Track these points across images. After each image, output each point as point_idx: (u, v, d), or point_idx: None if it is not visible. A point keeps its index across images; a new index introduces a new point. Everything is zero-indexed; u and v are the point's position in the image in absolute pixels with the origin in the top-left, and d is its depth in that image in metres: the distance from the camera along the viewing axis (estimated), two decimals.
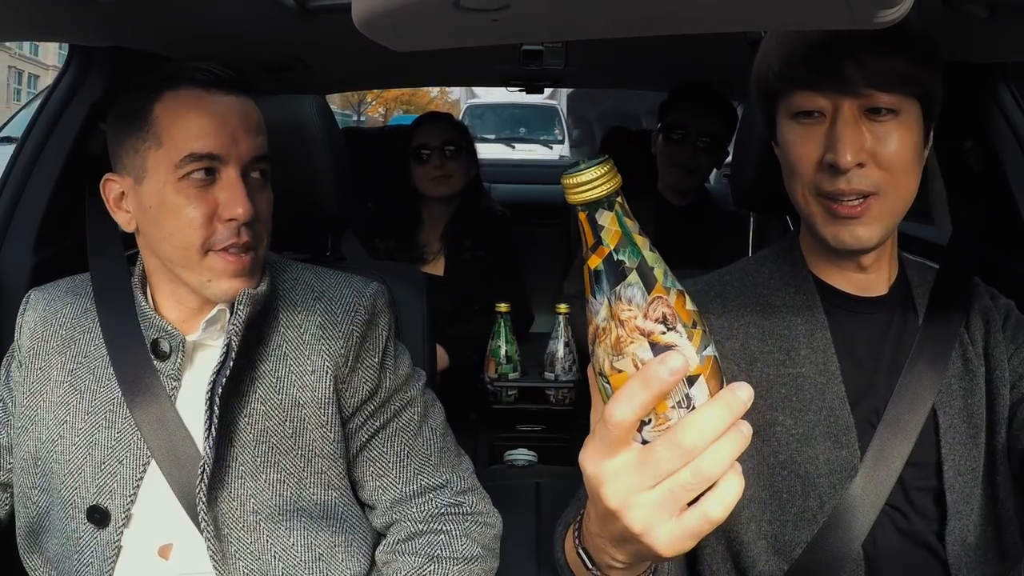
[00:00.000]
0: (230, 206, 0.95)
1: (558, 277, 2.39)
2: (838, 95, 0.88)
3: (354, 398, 1.07)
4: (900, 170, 0.89)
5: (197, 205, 0.96)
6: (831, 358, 0.95)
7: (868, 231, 0.90)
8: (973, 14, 0.97)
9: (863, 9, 0.55)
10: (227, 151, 0.96)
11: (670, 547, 0.55)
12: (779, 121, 0.95)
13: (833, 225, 0.90)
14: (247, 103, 1.01)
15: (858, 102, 0.87)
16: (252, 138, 0.99)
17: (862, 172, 0.87)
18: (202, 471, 0.98)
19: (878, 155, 0.88)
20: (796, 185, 0.93)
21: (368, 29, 0.58)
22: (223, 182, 0.97)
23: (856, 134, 0.87)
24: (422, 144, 2.11)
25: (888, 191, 0.89)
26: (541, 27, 0.67)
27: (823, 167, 0.89)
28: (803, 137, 0.91)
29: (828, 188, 0.89)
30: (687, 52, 1.90)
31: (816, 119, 0.90)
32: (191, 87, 0.98)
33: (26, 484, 1.05)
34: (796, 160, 0.92)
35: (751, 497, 0.93)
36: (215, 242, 0.97)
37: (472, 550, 1.06)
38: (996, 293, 1.04)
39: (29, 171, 1.31)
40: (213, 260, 0.97)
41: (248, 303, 0.99)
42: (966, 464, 0.93)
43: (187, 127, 0.96)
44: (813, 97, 0.89)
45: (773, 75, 0.92)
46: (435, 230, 2.17)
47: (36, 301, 1.10)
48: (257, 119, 1.02)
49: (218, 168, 0.97)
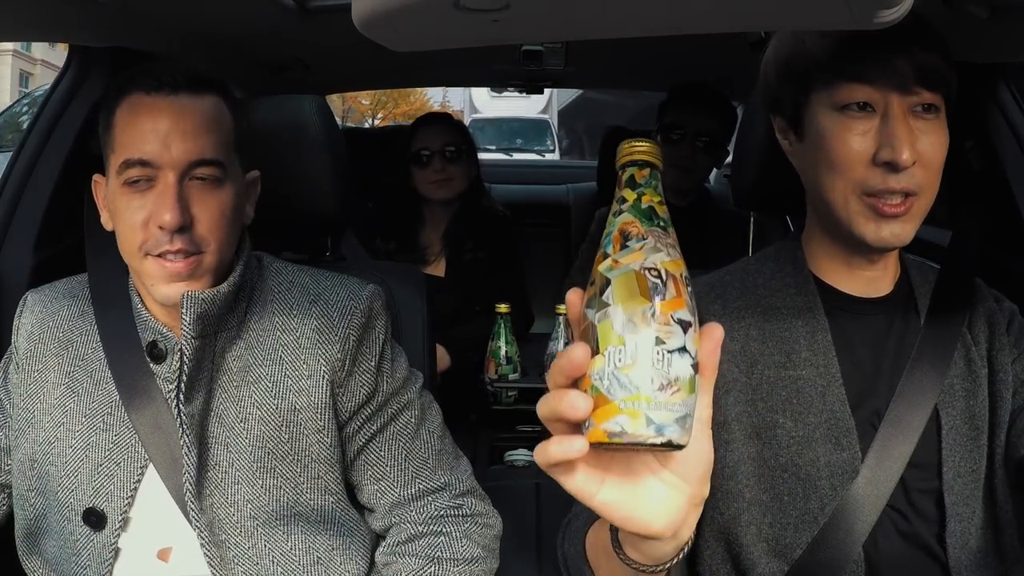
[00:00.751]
0: (159, 213, 0.95)
1: (558, 278, 2.39)
2: (890, 90, 0.86)
3: (351, 402, 1.07)
4: (937, 169, 0.89)
5: (135, 210, 0.97)
6: (832, 360, 0.94)
7: (906, 229, 0.89)
8: (973, 14, 0.97)
9: (863, 9, 0.55)
10: (158, 157, 0.96)
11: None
12: (812, 112, 0.92)
13: (875, 222, 0.89)
14: (193, 103, 0.98)
15: (908, 99, 0.86)
16: (189, 141, 0.96)
17: (911, 171, 0.86)
18: (185, 476, 0.98)
19: (924, 154, 0.87)
20: (836, 181, 0.90)
21: (368, 29, 0.58)
22: (158, 188, 0.96)
23: (909, 131, 0.86)
24: (422, 147, 2.10)
25: (926, 190, 0.88)
26: (541, 27, 0.67)
27: (876, 163, 0.87)
28: (852, 131, 0.88)
29: (879, 186, 0.87)
30: (687, 52, 1.90)
31: (866, 113, 0.87)
32: (138, 92, 0.98)
33: (23, 486, 1.05)
34: (842, 155, 0.89)
35: (751, 499, 0.93)
36: (151, 247, 0.97)
37: (473, 551, 1.06)
38: (1000, 296, 1.03)
39: (29, 171, 1.31)
40: (150, 264, 0.98)
41: (193, 306, 0.98)
42: (966, 466, 0.93)
43: (128, 133, 0.97)
44: (865, 89, 0.87)
45: (815, 64, 0.90)
46: (436, 231, 2.16)
47: (33, 303, 1.09)
48: (201, 120, 0.98)
49: (154, 174, 0.96)
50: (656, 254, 0.56)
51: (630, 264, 0.55)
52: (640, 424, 0.53)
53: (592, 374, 0.54)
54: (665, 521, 0.60)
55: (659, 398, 0.53)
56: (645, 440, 0.53)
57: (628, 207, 0.58)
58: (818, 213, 0.97)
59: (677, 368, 0.54)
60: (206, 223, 0.98)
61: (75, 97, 1.32)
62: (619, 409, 0.53)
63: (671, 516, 0.60)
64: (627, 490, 0.59)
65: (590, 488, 0.59)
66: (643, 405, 0.53)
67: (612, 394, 0.53)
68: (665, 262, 0.56)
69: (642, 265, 0.55)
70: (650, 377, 0.53)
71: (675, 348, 0.54)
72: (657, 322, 0.54)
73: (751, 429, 0.93)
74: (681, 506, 0.61)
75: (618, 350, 0.53)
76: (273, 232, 1.18)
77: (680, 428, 0.54)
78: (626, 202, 0.58)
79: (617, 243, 0.57)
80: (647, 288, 0.54)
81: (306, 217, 1.28)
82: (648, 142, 0.59)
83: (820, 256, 0.99)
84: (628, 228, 0.57)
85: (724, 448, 0.93)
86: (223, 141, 1.01)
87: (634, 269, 0.55)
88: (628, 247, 0.56)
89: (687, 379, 0.54)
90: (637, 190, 0.59)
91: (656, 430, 0.53)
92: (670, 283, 0.55)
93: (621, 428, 0.53)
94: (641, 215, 0.57)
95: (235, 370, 1.03)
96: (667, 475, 0.60)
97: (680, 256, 0.57)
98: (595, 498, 0.59)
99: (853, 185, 0.89)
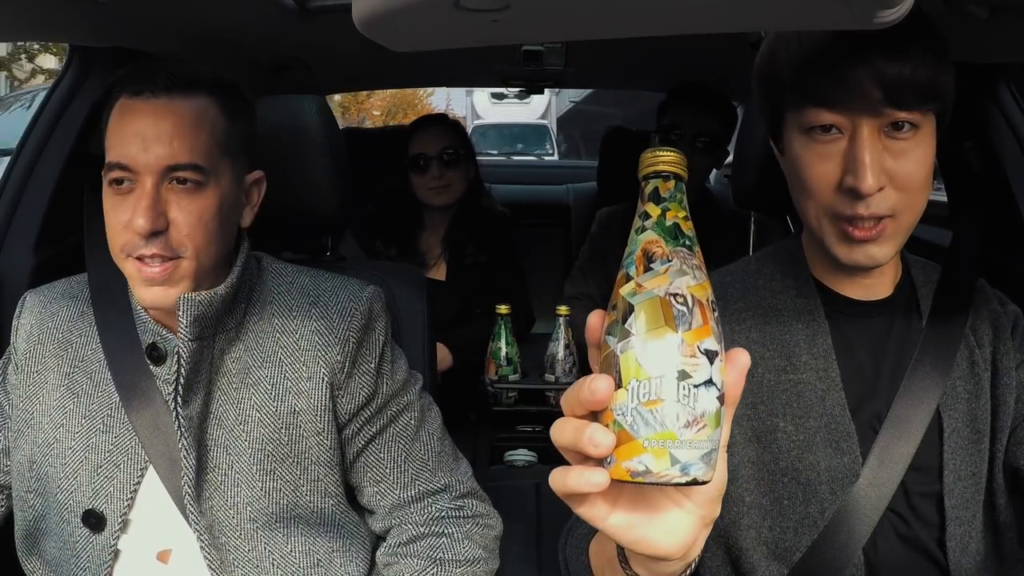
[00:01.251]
0: (133, 217, 0.95)
1: (558, 278, 2.39)
2: (857, 114, 0.83)
3: (351, 404, 1.06)
4: (917, 188, 0.86)
5: (117, 212, 0.97)
6: (832, 364, 0.94)
7: (882, 250, 0.87)
8: (973, 14, 0.97)
9: (863, 9, 0.55)
10: (134, 161, 0.95)
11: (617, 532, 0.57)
12: (787, 131, 0.91)
13: (847, 246, 0.87)
14: (173, 106, 0.97)
15: (878, 120, 0.83)
16: (164, 145, 0.95)
17: (881, 196, 0.84)
18: (185, 478, 0.98)
19: (896, 176, 0.84)
20: (808, 205, 0.89)
21: (368, 29, 0.58)
22: (136, 192, 0.96)
23: (876, 155, 0.83)
24: (419, 153, 2.08)
25: (904, 212, 0.86)
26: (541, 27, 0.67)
27: (842, 190, 0.85)
28: (819, 156, 0.86)
29: (846, 212, 0.85)
30: (687, 52, 1.90)
31: (833, 135, 0.85)
32: (124, 95, 0.98)
33: (22, 487, 1.05)
34: (811, 181, 0.87)
35: (751, 503, 0.92)
36: (130, 250, 0.97)
37: (474, 552, 1.06)
38: (1004, 298, 1.02)
39: (29, 171, 1.31)
40: (130, 267, 0.98)
41: (190, 308, 0.97)
42: (967, 469, 0.93)
43: (113, 135, 0.98)
44: (830, 114, 0.84)
45: (782, 85, 0.88)
46: (436, 235, 2.15)
47: (32, 304, 1.09)
48: (180, 123, 0.96)
49: (133, 178, 0.96)
50: (682, 278, 0.52)
51: (654, 289, 0.52)
52: (665, 464, 0.50)
53: (614, 408, 0.52)
54: (676, 543, 0.59)
55: (685, 435, 0.50)
56: (670, 480, 0.51)
57: (652, 224, 0.55)
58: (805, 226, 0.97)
59: (704, 403, 0.51)
60: (184, 228, 0.96)
61: (75, 97, 1.32)
62: (643, 448, 0.50)
63: (682, 538, 0.59)
64: (638, 516, 0.58)
65: (600, 513, 0.57)
66: (669, 443, 0.50)
67: (636, 431, 0.51)
68: (691, 287, 0.52)
69: (667, 291, 0.52)
70: (676, 414, 0.50)
71: (702, 382, 0.51)
72: (683, 354, 0.51)
73: (751, 433, 0.93)
74: (693, 528, 0.59)
75: (642, 384, 0.51)
76: (273, 232, 1.18)
77: (705, 465, 0.51)
78: (650, 218, 0.55)
79: (640, 265, 0.53)
80: (672, 316, 0.51)
81: (306, 218, 1.28)
82: (674, 152, 0.56)
83: (818, 260, 0.98)
84: (652, 248, 0.54)
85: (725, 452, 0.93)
86: (209, 144, 0.98)
87: (659, 295, 0.52)
88: (652, 269, 0.53)
89: (713, 413, 0.52)
90: (661, 204, 0.55)
91: (681, 469, 0.51)
92: (696, 310, 0.52)
93: (645, 467, 0.51)
94: (666, 233, 0.54)
95: (234, 372, 1.03)
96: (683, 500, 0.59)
97: (706, 277, 0.54)
98: (606, 522, 0.58)
99: (824, 209, 0.87)
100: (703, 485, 0.53)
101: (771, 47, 0.92)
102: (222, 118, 1.01)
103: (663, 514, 0.58)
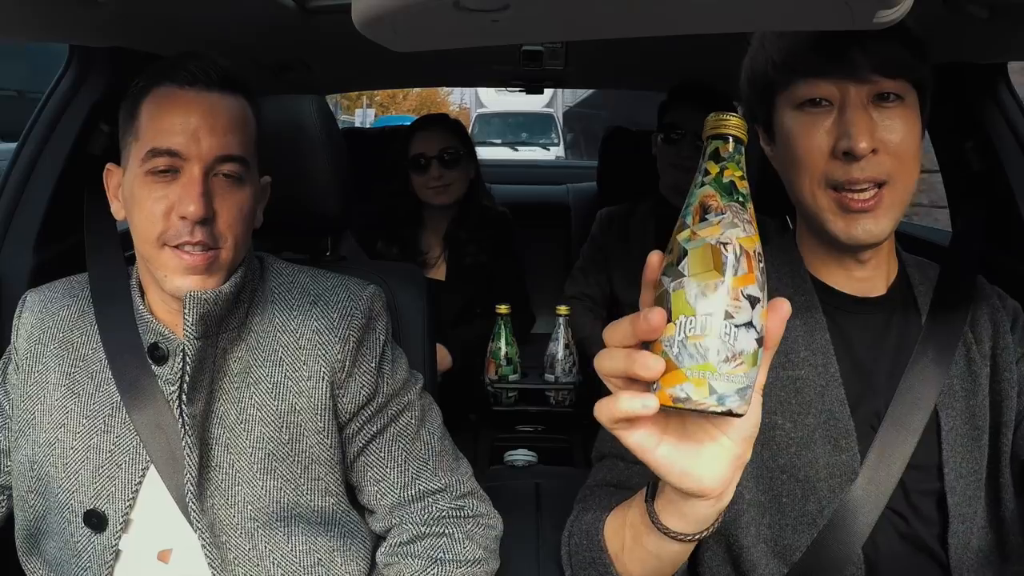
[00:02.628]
0: (183, 203, 0.96)
1: (558, 278, 2.39)
2: (846, 81, 0.87)
3: (351, 403, 1.06)
4: (909, 157, 0.89)
5: (157, 199, 0.97)
6: (830, 360, 0.94)
7: (879, 224, 0.89)
8: (973, 14, 0.97)
9: (863, 9, 0.55)
10: (187, 148, 0.97)
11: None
12: (779, 114, 0.94)
13: (844, 219, 0.89)
14: (223, 101, 1.00)
15: (866, 88, 0.87)
16: (218, 137, 0.98)
17: (875, 159, 0.87)
18: (187, 477, 0.98)
19: (888, 142, 0.87)
20: (803, 178, 0.91)
21: (368, 29, 0.58)
22: (183, 179, 0.97)
23: (867, 120, 0.87)
24: (419, 153, 2.09)
25: (898, 179, 0.88)
26: (541, 27, 0.67)
27: (835, 156, 0.87)
28: (810, 126, 0.89)
29: (841, 177, 0.87)
30: (687, 52, 1.90)
31: (824, 108, 0.89)
32: (169, 84, 0.99)
33: (23, 487, 1.05)
34: (804, 151, 0.90)
35: (751, 500, 0.92)
36: (170, 237, 0.97)
37: (474, 552, 1.06)
38: (1003, 293, 1.03)
39: (29, 171, 1.31)
40: (167, 256, 0.98)
41: (196, 306, 0.98)
42: (967, 466, 0.93)
43: (156, 122, 0.98)
44: (820, 84, 0.88)
45: (773, 66, 0.91)
46: (436, 235, 2.16)
47: (33, 303, 1.09)
48: (230, 118, 1.00)
49: (180, 165, 0.97)
50: (732, 229, 0.58)
51: (707, 237, 0.58)
52: (704, 392, 0.56)
53: (663, 340, 0.58)
54: (717, 477, 0.65)
55: (724, 369, 0.56)
56: (707, 408, 0.57)
57: (711, 180, 0.60)
58: (800, 214, 0.98)
59: (743, 342, 0.57)
60: (226, 219, 0.99)
61: (75, 97, 1.32)
62: (685, 376, 0.57)
63: (722, 473, 0.65)
64: (683, 448, 0.63)
65: (649, 444, 0.63)
66: (708, 375, 0.56)
67: (680, 361, 0.57)
68: (741, 238, 0.58)
69: (718, 239, 0.58)
70: (717, 349, 0.56)
71: (743, 323, 0.57)
72: (728, 296, 0.57)
73: None
74: (730, 465, 0.65)
75: (689, 320, 0.57)
76: (273, 232, 1.18)
77: (740, 399, 0.57)
78: (709, 174, 0.61)
79: (697, 215, 0.59)
80: (721, 263, 0.57)
81: (306, 217, 1.28)
82: (736, 116, 0.62)
83: (814, 256, 0.99)
84: (708, 201, 0.60)
85: None
86: (247, 141, 1.02)
87: (710, 243, 0.58)
88: (707, 220, 0.59)
89: (751, 353, 0.57)
90: (720, 163, 0.61)
91: (718, 399, 0.57)
92: (743, 259, 0.58)
93: (686, 395, 0.57)
94: (722, 189, 0.60)
95: (236, 371, 1.03)
96: (719, 435, 0.64)
97: (755, 232, 0.60)
98: (655, 452, 0.63)
99: (819, 180, 0.90)
100: (738, 419, 0.60)
101: (759, 38, 0.96)
102: (253, 119, 1.05)
103: (704, 447, 0.64)
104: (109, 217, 1.10)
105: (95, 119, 1.30)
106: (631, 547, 0.79)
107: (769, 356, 0.63)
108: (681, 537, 0.72)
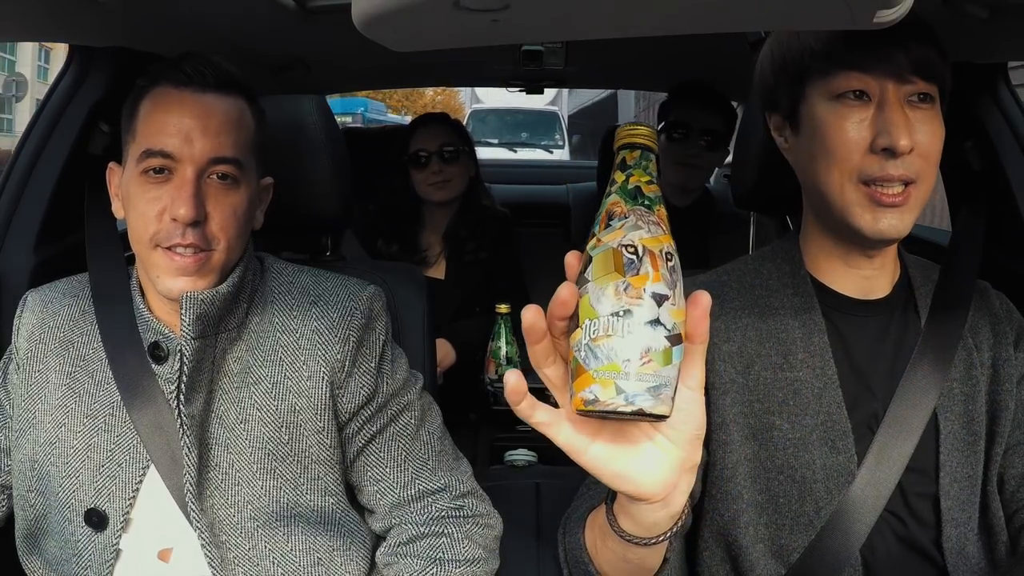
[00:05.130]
0: (175, 205, 0.96)
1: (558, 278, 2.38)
2: (887, 79, 0.87)
3: (351, 403, 1.06)
4: (934, 159, 0.89)
5: (150, 200, 0.97)
6: (828, 362, 0.94)
7: (904, 220, 0.89)
8: (973, 14, 0.97)
9: (863, 9, 0.55)
10: (180, 150, 0.97)
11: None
12: (808, 104, 0.92)
13: (872, 213, 0.88)
14: (218, 102, 1.00)
15: (905, 88, 0.87)
16: (211, 138, 0.98)
17: (908, 158, 0.87)
18: (186, 477, 0.98)
19: (920, 143, 0.87)
20: (832, 171, 0.90)
21: (368, 29, 0.58)
22: (175, 181, 0.97)
23: (906, 119, 0.87)
24: (419, 149, 2.10)
25: (924, 179, 0.89)
26: (541, 27, 0.67)
27: (873, 151, 0.87)
28: (847, 118, 0.88)
29: (876, 173, 0.87)
30: (687, 52, 1.90)
31: (862, 101, 0.88)
32: (166, 84, 0.99)
33: (23, 487, 1.05)
34: (839, 143, 0.89)
35: (749, 500, 0.92)
36: (162, 238, 0.97)
37: (474, 552, 1.06)
38: (1011, 307, 1.02)
39: (29, 171, 1.31)
40: (159, 256, 0.98)
41: (192, 306, 0.98)
42: (963, 471, 0.93)
43: (151, 123, 0.98)
44: (862, 78, 0.88)
45: (811, 54, 0.90)
46: (436, 233, 2.16)
47: (33, 303, 1.09)
48: (224, 120, 0.99)
49: (173, 167, 0.97)
50: (635, 231, 0.58)
51: (609, 242, 0.58)
52: (611, 393, 0.55)
53: (573, 345, 0.58)
54: (656, 481, 0.62)
55: (630, 368, 0.55)
56: (616, 408, 0.55)
57: (616, 188, 0.62)
58: (815, 209, 0.97)
59: (648, 339, 0.56)
60: (218, 221, 0.99)
61: (75, 97, 1.32)
62: (593, 379, 0.56)
63: (662, 476, 0.62)
64: (617, 449, 0.62)
65: (579, 444, 0.62)
66: (614, 375, 0.55)
67: (587, 364, 0.56)
68: (644, 239, 0.58)
69: (619, 242, 0.58)
70: (620, 348, 0.56)
71: (646, 320, 0.56)
72: (629, 296, 0.56)
73: (748, 430, 0.93)
74: (672, 468, 0.62)
75: (593, 323, 0.56)
76: (273, 232, 1.18)
77: (652, 398, 0.56)
78: (615, 183, 0.62)
79: (603, 223, 0.60)
80: (622, 264, 0.57)
81: (306, 217, 1.28)
82: (642, 126, 0.63)
83: (818, 256, 0.98)
84: (613, 208, 0.60)
85: (723, 449, 0.93)
86: (243, 143, 1.02)
87: (612, 246, 0.58)
88: (611, 226, 0.59)
89: (660, 350, 0.56)
90: (626, 171, 0.62)
91: (626, 399, 0.55)
92: (646, 258, 0.58)
93: (594, 396, 0.56)
94: (627, 195, 0.61)
95: (235, 371, 1.03)
96: (658, 437, 0.62)
97: (664, 232, 0.60)
98: (586, 454, 0.62)
99: (850, 173, 0.89)
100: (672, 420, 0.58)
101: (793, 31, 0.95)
102: (252, 120, 1.04)
103: (639, 448, 0.62)
104: (110, 216, 1.11)
105: (95, 119, 1.30)
106: (600, 548, 0.79)
107: (699, 352, 0.61)
108: (636, 541, 0.69)
